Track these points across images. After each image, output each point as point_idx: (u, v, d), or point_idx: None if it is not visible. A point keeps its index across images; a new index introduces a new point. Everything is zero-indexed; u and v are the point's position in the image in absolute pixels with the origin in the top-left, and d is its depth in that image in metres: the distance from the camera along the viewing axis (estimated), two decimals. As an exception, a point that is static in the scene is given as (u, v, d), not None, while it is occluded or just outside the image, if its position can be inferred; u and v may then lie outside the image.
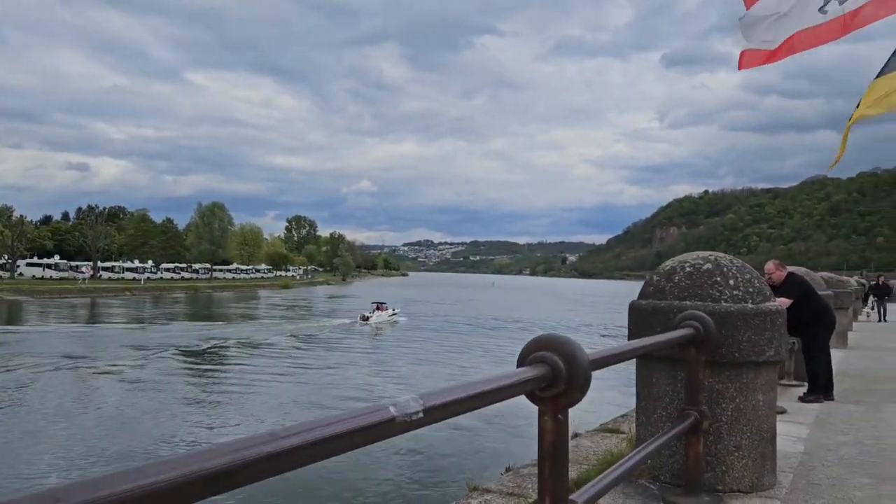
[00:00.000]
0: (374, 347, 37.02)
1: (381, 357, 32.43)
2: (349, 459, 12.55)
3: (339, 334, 42.01)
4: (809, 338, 7.32)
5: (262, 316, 55.46)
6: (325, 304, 76.96)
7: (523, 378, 1.96)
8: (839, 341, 12.91)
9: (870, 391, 8.16)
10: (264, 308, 67.06)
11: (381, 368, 28.32)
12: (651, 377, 4.30)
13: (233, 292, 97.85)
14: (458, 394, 1.66)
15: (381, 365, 29.35)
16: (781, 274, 7.41)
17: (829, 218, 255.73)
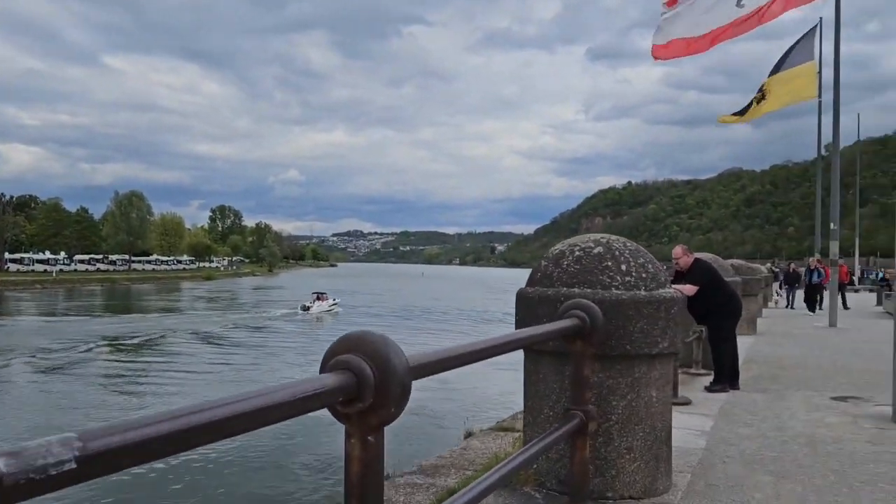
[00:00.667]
0: (315, 336, 36.65)
1: (324, 345, 32.22)
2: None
3: (280, 324, 41.67)
4: (715, 325, 7.13)
5: (185, 308, 53.39)
6: (251, 296, 74.92)
7: (315, 389, 1.45)
8: (749, 327, 13.01)
9: (775, 378, 8.06)
10: (188, 300, 64.65)
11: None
12: (537, 372, 3.88)
13: (153, 284, 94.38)
14: (179, 422, 1.13)
15: (314, 348, 28.78)
16: (688, 260, 7.18)
17: (744, 209, 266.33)
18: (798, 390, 7.30)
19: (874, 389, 7.37)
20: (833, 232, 15.59)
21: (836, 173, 15.89)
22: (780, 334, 13.68)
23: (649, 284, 3.73)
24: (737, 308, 7.25)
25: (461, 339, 7.96)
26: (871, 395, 7.01)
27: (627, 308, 3.58)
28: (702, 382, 7.45)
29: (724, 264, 8.64)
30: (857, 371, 8.84)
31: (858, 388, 7.44)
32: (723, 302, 7.07)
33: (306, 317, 46.82)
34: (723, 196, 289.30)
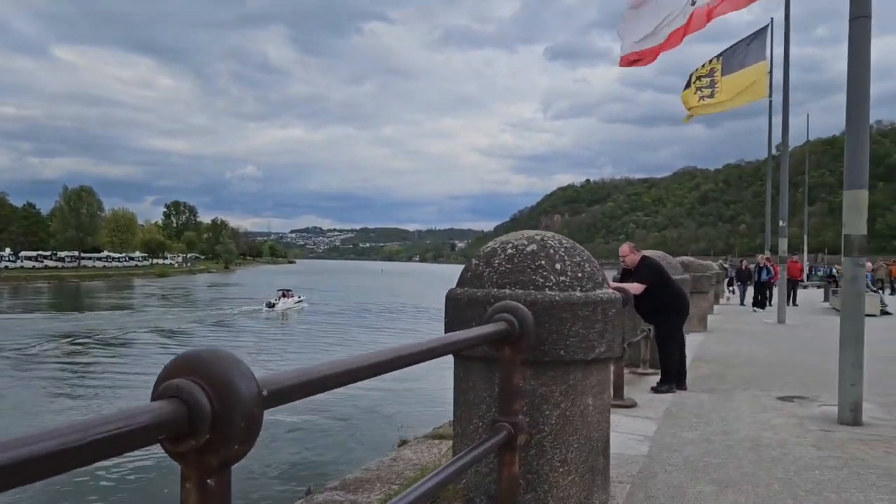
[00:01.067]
0: (280, 332, 37.03)
1: (288, 340, 33.01)
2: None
3: (244, 321, 41.50)
4: (662, 324, 6.98)
5: (138, 306, 51.96)
6: (206, 293, 73.48)
7: (128, 424, 1.13)
8: (699, 324, 12.99)
9: (723, 377, 7.96)
10: (140, 298, 63.03)
11: (289, 352, 27.70)
12: (467, 380, 3.61)
13: (103, 281, 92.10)
14: None
15: (291, 347, 28.94)
16: (635, 257, 7.01)
17: (698, 206, 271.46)
18: (745, 390, 7.19)
19: (820, 388, 7.31)
20: (782, 229, 15.73)
21: (786, 172, 16.04)
22: (730, 331, 13.72)
23: (585, 285, 3.48)
24: (684, 306, 7.10)
25: (418, 335, 7.49)
26: (817, 395, 6.93)
27: (561, 310, 3.33)
28: (649, 382, 7.29)
29: (673, 262, 8.52)
30: (804, 369, 8.80)
31: (805, 387, 7.37)
32: (670, 300, 6.92)
33: (271, 314, 46.62)
34: (678, 194, 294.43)
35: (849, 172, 5.56)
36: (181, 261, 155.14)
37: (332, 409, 16.04)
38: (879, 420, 5.79)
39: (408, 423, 11.94)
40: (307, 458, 13.04)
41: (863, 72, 5.45)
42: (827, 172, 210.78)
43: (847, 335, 5.60)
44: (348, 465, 8.78)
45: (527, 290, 3.39)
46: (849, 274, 5.61)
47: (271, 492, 10.73)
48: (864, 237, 5.58)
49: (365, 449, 11.97)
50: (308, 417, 15.22)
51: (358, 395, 16.77)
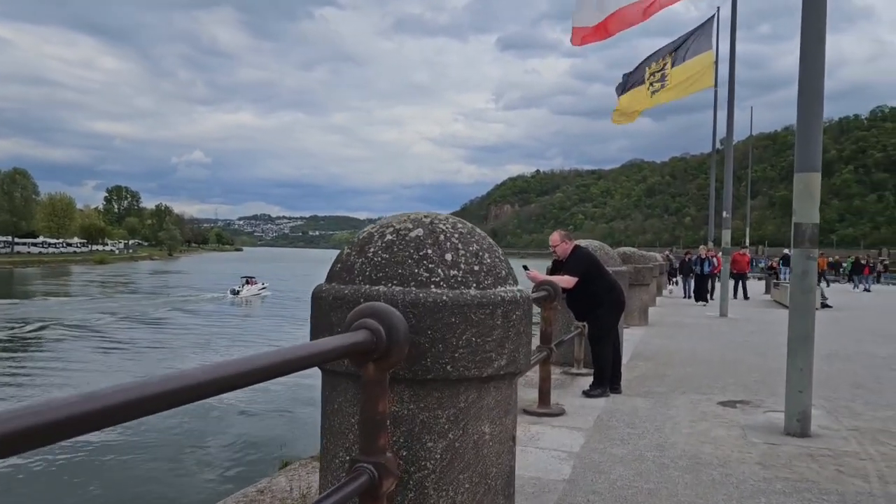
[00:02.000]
0: (245, 318, 38.00)
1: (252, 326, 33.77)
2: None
3: (210, 307, 42.08)
4: (594, 321, 6.32)
5: (77, 294, 49.57)
6: (148, 281, 70.95)
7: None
8: (640, 318, 12.49)
9: (661, 378, 7.37)
10: (79, 285, 60.31)
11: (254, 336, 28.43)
12: (333, 400, 2.82)
13: (38, 268, 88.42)
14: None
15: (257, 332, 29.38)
16: (566, 247, 6.33)
17: (645, 199, 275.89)
18: (684, 393, 6.60)
19: (764, 391, 6.78)
20: (725, 220, 15.39)
21: (730, 166, 15.74)
22: (671, 325, 13.28)
23: (483, 280, 2.73)
24: (619, 301, 6.45)
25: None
26: (761, 399, 6.38)
27: (450, 313, 2.57)
28: (582, 384, 6.65)
29: (611, 252, 7.90)
30: (747, 367, 8.31)
31: (748, 390, 6.83)
32: (603, 295, 6.26)
33: (235, 300, 47.60)
34: (625, 186, 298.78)
35: (800, 153, 4.97)
36: (123, 247, 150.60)
37: (215, 416, 14.29)
38: (828, 430, 5.24)
39: (301, 435, 10.62)
40: (168, 484, 10.87)
41: (818, 39, 4.84)
42: (769, 167, 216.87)
43: (795, 336, 5.01)
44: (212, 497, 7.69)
45: (406, 287, 2.61)
46: (799, 267, 5.02)
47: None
48: (817, 226, 5.00)
49: (247, 470, 10.34)
50: (191, 426, 13.51)
51: (248, 398, 15.14)
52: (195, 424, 13.21)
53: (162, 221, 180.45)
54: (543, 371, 5.53)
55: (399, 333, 2.34)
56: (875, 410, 6.03)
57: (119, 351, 24.62)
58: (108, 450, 11.60)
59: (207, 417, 13.63)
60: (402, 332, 2.35)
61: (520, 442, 4.62)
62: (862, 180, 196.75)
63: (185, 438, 12.53)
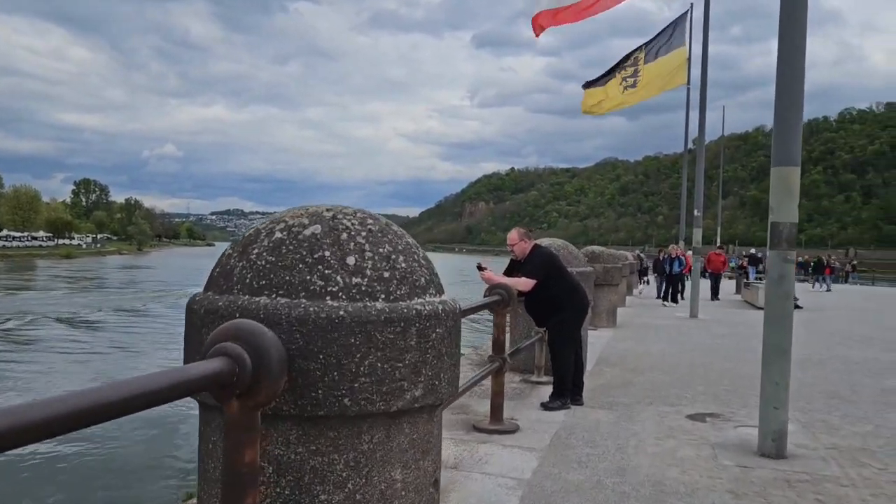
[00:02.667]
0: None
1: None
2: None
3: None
4: (555, 326, 5.82)
5: (41, 289, 48.03)
6: (116, 276, 69.32)
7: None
8: (608, 320, 12.06)
9: (627, 387, 6.91)
10: (44, 280, 58.58)
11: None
12: (208, 439, 2.27)
13: (1, 262, 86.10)
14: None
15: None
16: (525, 247, 5.82)
17: (618, 197, 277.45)
18: (651, 404, 6.14)
19: (735, 401, 6.34)
20: (696, 219, 15.04)
21: (701, 165, 15.45)
22: (639, 326, 12.87)
23: (395, 290, 2.17)
24: (582, 305, 5.95)
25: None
26: (732, 411, 5.94)
27: (348, 332, 2.01)
28: (542, 395, 6.15)
29: (575, 252, 7.41)
30: (717, 373, 7.88)
31: (718, 401, 6.38)
32: (565, 298, 5.75)
33: None
34: (599, 185, 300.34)
35: (778, 144, 4.51)
36: (91, 241, 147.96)
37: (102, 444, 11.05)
38: (805, 449, 4.79)
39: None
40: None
41: (798, 22, 4.37)
42: (740, 167, 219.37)
43: (771, 346, 4.55)
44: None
45: (294, 299, 2.05)
46: (775, 271, 4.55)
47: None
48: (795, 226, 4.54)
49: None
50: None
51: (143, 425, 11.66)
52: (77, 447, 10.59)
53: (131, 216, 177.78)
54: (496, 384, 5.01)
55: (271, 360, 1.80)
56: (853, 424, 5.61)
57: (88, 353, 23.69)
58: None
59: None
60: (275, 358, 1.81)
61: (465, 466, 4.10)
62: (830, 181, 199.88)
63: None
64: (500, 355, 4.92)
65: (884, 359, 9.55)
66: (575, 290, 5.84)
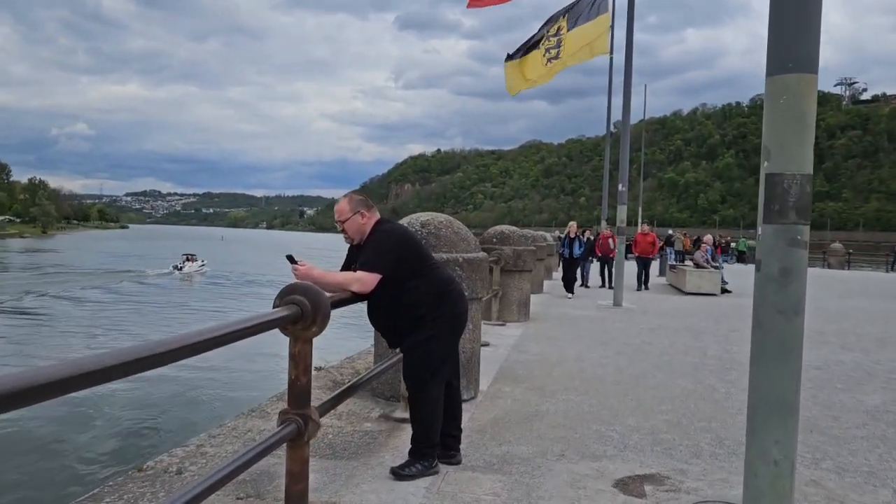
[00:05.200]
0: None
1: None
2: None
3: (155, 282, 44.70)
4: (413, 348, 3.68)
5: None
6: (16, 260, 63.73)
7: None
8: (519, 313, 10.11)
9: (531, 422, 4.88)
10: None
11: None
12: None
13: None
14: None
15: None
16: (362, 223, 3.65)
17: (542, 179, 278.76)
18: (562, 457, 4.12)
19: (682, 447, 4.40)
20: (621, 194, 13.28)
21: (626, 140, 13.74)
22: (556, 319, 10.98)
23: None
24: (454, 314, 3.78)
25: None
26: (681, 467, 3.98)
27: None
28: (405, 440, 4.04)
29: (460, 230, 5.28)
30: (653, 392, 5.98)
31: (658, 444, 4.43)
32: (428, 304, 3.63)
33: (178, 276, 50.96)
34: (524, 167, 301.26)
35: (786, 40, 2.49)
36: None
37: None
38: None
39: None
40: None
41: None
42: (658, 150, 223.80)
43: (766, 400, 2.58)
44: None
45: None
46: (774, 263, 2.58)
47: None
48: (809, 180, 2.56)
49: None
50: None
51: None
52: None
53: (35, 196, 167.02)
54: (292, 460, 2.84)
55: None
56: (860, 490, 3.74)
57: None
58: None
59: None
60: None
61: None
62: (742, 164, 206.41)
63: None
64: (298, 411, 2.76)
65: (847, 360, 7.93)
66: (445, 291, 3.69)
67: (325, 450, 4.10)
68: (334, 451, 4.09)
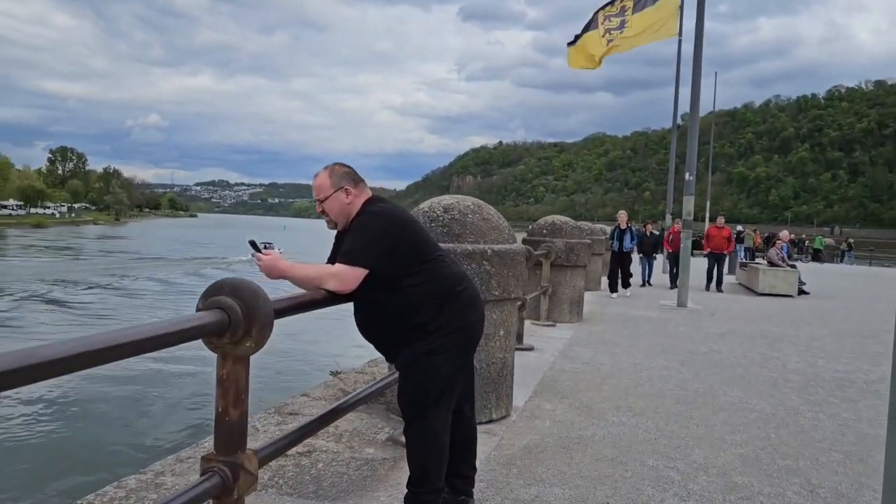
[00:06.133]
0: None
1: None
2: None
3: (237, 268, 41.06)
4: (412, 366, 2.82)
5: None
6: (93, 246, 65.90)
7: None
8: (571, 313, 9.17)
9: (569, 452, 3.97)
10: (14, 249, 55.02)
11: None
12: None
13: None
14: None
15: None
16: (345, 202, 2.81)
17: (606, 172, 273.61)
18: (607, 505, 3.24)
19: (760, 494, 3.44)
20: (688, 184, 12.10)
21: (695, 129, 12.57)
22: (612, 320, 9.97)
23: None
24: (466, 322, 2.86)
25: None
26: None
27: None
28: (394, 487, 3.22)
29: (491, 217, 4.36)
30: (723, 414, 5.00)
31: (729, 489, 3.46)
32: (428, 308, 2.77)
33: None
34: (587, 159, 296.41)
35: None
36: (66, 210, 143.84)
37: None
38: None
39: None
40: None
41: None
42: (728, 144, 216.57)
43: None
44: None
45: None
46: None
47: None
48: None
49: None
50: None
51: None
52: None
53: (109, 185, 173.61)
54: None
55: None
56: None
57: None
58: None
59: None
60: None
61: None
62: (817, 158, 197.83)
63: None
64: (225, 458, 1.97)
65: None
66: (453, 292, 2.83)
67: (309, 485, 3.31)
68: (319, 486, 3.30)
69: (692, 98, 12.74)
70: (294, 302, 2.36)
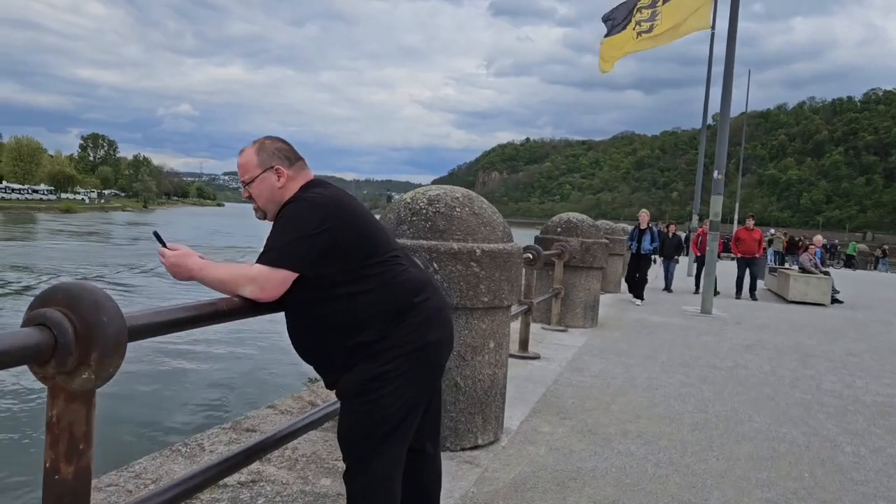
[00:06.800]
0: None
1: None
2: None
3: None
4: (351, 397, 2.26)
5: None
6: (123, 232, 66.39)
7: None
8: (584, 318, 8.53)
9: (563, 491, 3.36)
10: (43, 233, 55.49)
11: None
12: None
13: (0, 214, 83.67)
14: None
15: None
16: (280, 185, 2.24)
17: (633, 171, 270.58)
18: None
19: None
20: (716, 183, 11.33)
21: (726, 129, 11.81)
22: (628, 327, 9.29)
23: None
24: (425, 341, 2.25)
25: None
26: None
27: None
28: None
29: (482, 212, 3.77)
30: (748, 445, 4.35)
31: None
32: (377, 320, 2.20)
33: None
34: (615, 158, 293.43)
35: None
36: (95, 196, 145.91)
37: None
38: None
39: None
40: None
41: None
42: (759, 145, 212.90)
43: None
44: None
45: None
46: None
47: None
48: None
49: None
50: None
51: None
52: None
53: (138, 172, 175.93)
54: None
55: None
56: None
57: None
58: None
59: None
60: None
61: None
62: (851, 162, 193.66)
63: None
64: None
65: None
66: (409, 305, 2.23)
67: (240, 529, 2.75)
68: (253, 530, 2.74)
69: (723, 97, 12.01)
70: (166, 317, 1.74)
